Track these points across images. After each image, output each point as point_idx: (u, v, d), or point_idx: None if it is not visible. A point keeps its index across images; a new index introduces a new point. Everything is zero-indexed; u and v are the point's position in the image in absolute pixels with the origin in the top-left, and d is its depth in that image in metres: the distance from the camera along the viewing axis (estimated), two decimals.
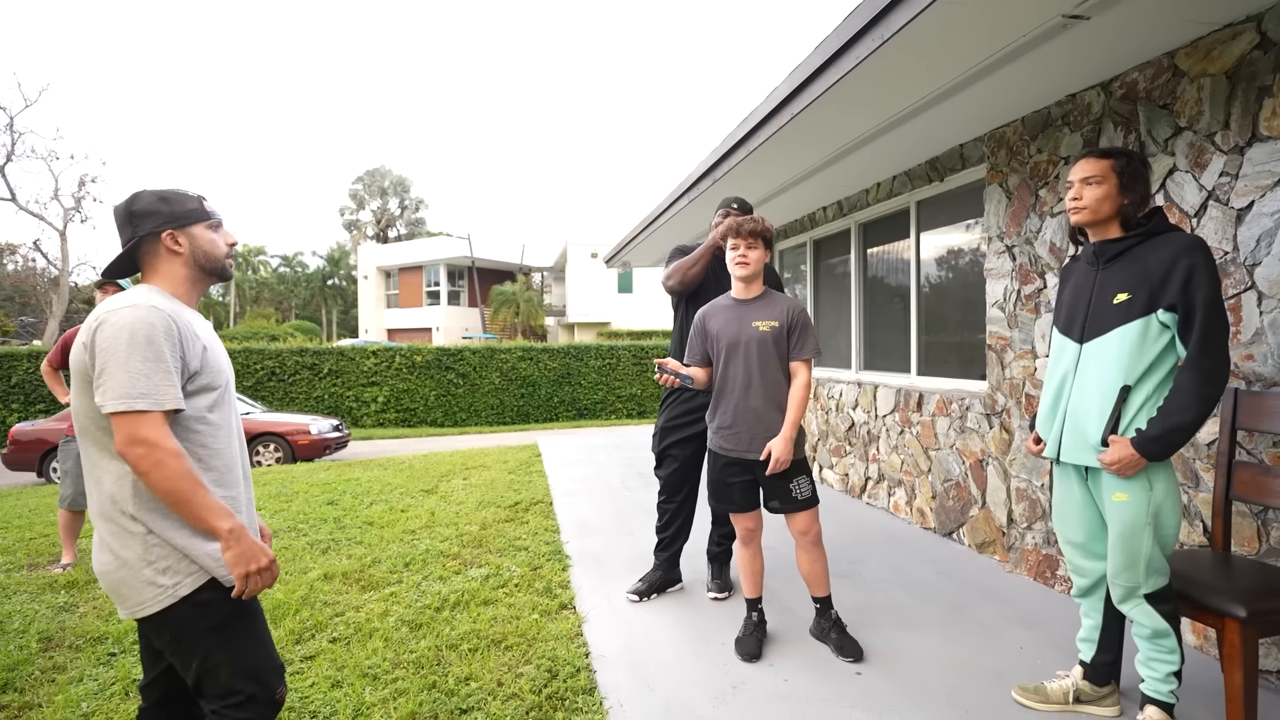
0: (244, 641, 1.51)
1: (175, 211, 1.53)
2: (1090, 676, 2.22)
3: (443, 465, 7.44)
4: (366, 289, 32.13)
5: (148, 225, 1.51)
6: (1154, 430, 1.85)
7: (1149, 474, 1.91)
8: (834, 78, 2.85)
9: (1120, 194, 1.98)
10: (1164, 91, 2.70)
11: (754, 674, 2.52)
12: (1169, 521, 1.93)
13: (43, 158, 22.40)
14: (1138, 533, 1.92)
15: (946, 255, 4.38)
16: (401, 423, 15.32)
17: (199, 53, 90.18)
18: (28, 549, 4.39)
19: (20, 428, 8.63)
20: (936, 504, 4.19)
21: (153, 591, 1.40)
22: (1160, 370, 1.91)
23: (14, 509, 5.89)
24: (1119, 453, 1.88)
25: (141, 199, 1.52)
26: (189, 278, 1.57)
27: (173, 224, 1.52)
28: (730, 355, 2.66)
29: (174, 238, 1.53)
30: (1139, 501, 1.92)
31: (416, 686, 2.45)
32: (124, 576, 1.41)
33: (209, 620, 1.45)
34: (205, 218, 1.58)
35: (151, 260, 1.54)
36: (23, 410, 13.01)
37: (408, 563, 3.82)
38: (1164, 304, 1.87)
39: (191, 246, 1.55)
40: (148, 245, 1.53)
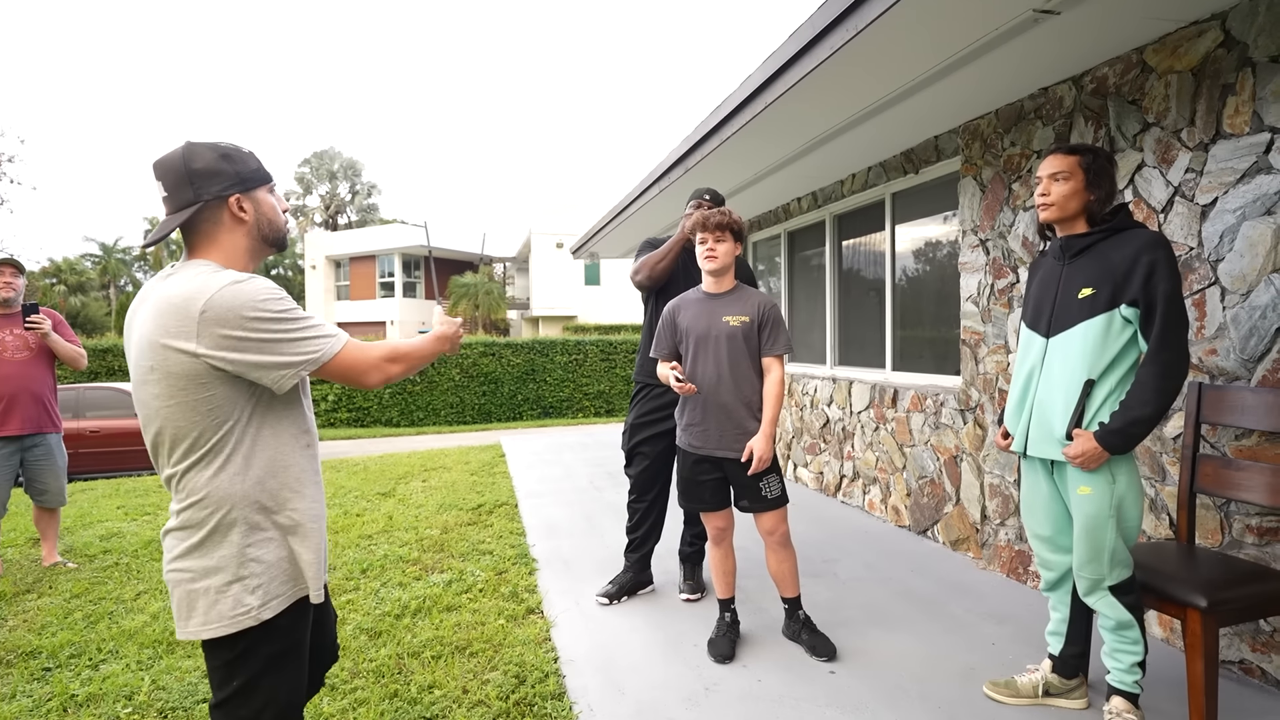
0: (290, 675, 1.39)
1: (240, 172, 1.33)
2: (1059, 669, 2.24)
3: (400, 467, 7.23)
4: (315, 279, 30.81)
5: (215, 187, 1.30)
6: (1115, 423, 1.89)
7: (1111, 467, 1.94)
8: (808, 68, 2.81)
9: (1086, 190, 2.01)
10: (1133, 87, 2.72)
11: (727, 675, 2.48)
12: (1131, 514, 1.96)
13: None
14: (1101, 525, 1.95)
15: (922, 248, 4.39)
16: (354, 423, 14.82)
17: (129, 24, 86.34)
18: (16, 554, 4.09)
19: None
20: (911, 501, 4.19)
21: (230, 609, 1.27)
22: (1123, 365, 1.95)
23: (15, 515, 5.48)
24: (1082, 446, 1.92)
25: (201, 156, 1.30)
26: (250, 250, 1.38)
27: (239, 187, 1.33)
28: (699, 350, 2.59)
29: (240, 203, 1.33)
30: (1102, 494, 1.95)
31: (377, 696, 2.35)
32: (205, 588, 1.27)
33: (273, 646, 1.34)
34: (268, 179, 1.39)
35: (210, 229, 1.32)
36: None
37: (365, 569, 3.67)
38: (1126, 299, 1.90)
39: (257, 213, 1.36)
40: (210, 212, 1.31)
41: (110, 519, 5.12)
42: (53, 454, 3.81)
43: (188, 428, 1.26)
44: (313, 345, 1.29)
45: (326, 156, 44.98)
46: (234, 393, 1.27)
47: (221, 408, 1.27)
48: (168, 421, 1.26)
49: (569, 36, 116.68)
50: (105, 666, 2.62)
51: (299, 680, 1.42)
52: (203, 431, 1.26)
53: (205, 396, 1.25)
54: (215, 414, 1.26)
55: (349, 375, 1.35)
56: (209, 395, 1.25)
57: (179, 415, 1.25)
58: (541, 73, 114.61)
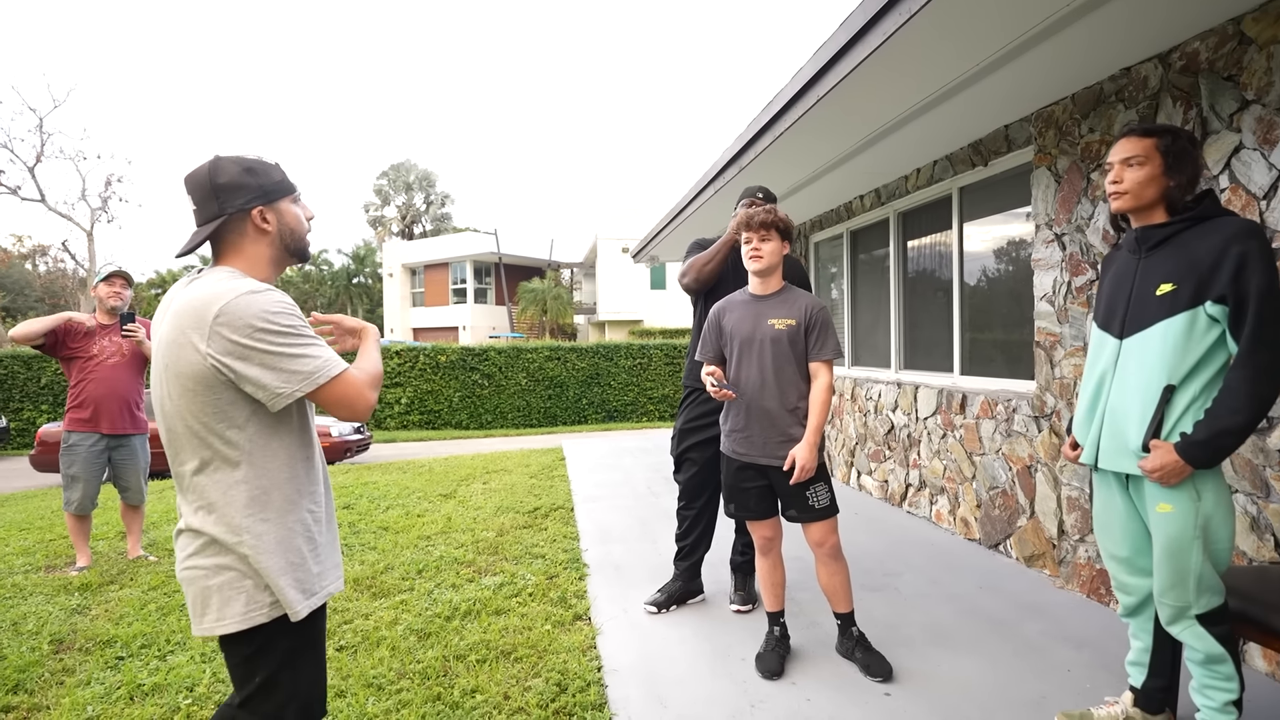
0: (309, 668, 1.43)
1: (264, 185, 1.38)
2: (1142, 704, 2.04)
3: (463, 469, 7.38)
4: (392, 287, 32.17)
5: (238, 200, 1.35)
6: (1200, 434, 1.68)
7: (1196, 482, 1.74)
8: (861, 55, 2.68)
9: (1165, 175, 1.81)
10: (1229, 62, 2.46)
11: (775, 692, 2.38)
12: (1221, 534, 1.75)
13: (70, 158, 22.82)
14: (1185, 547, 1.75)
15: (991, 245, 4.13)
16: (425, 425, 15.30)
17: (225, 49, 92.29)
18: (47, 550, 4.42)
19: (47, 429, 8.79)
20: (981, 513, 3.95)
21: (244, 606, 1.30)
22: (1208, 368, 1.74)
23: (38, 510, 5.98)
24: (1161, 459, 1.72)
25: (226, 170, 1.36)
26: (273, 259, 1.42)
27: (262, 199, 1.37)
28: (744, 354, 2.51)
29: (263, 215, 1.37)
30: (1185, 513, 1.74)
31: (420, 698, 2.37)
32: (219, 584, 1.30)
33: (290, 640, 1.37)
34: (291, 190, 1.44)
35: (235, 240, 1.38)
36: (52, 411, 13.24)
37: (420, 569, 3.74)
38: (1213, 295, 1.70)
39: (279, 224, 1.41)
40: (234, 223, 1.36)
41: None
42: (136, 454, 4.10)
43: (198, 429, 1.29)
44: (311, 364, 1.30)
45: (403, 169, 46.81)
46: (240, 397, 1.29)
47: (228, 412, 1.29)
48: (179, 422, 1.30)
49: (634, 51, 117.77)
50: (172, 658, 2.75)
51: (319, 675, 1.45)
52: (211, 434, 1.29)
53: (213, 399, 1.27)
54: (223, 417, 1.29)
55: (341, 404, 1.35)
56: (216, 399, 1.27)
57: (190, 416, 1.28)
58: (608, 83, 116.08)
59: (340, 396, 1.34)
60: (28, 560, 4.18)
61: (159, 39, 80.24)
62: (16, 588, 3.63)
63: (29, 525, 5.24)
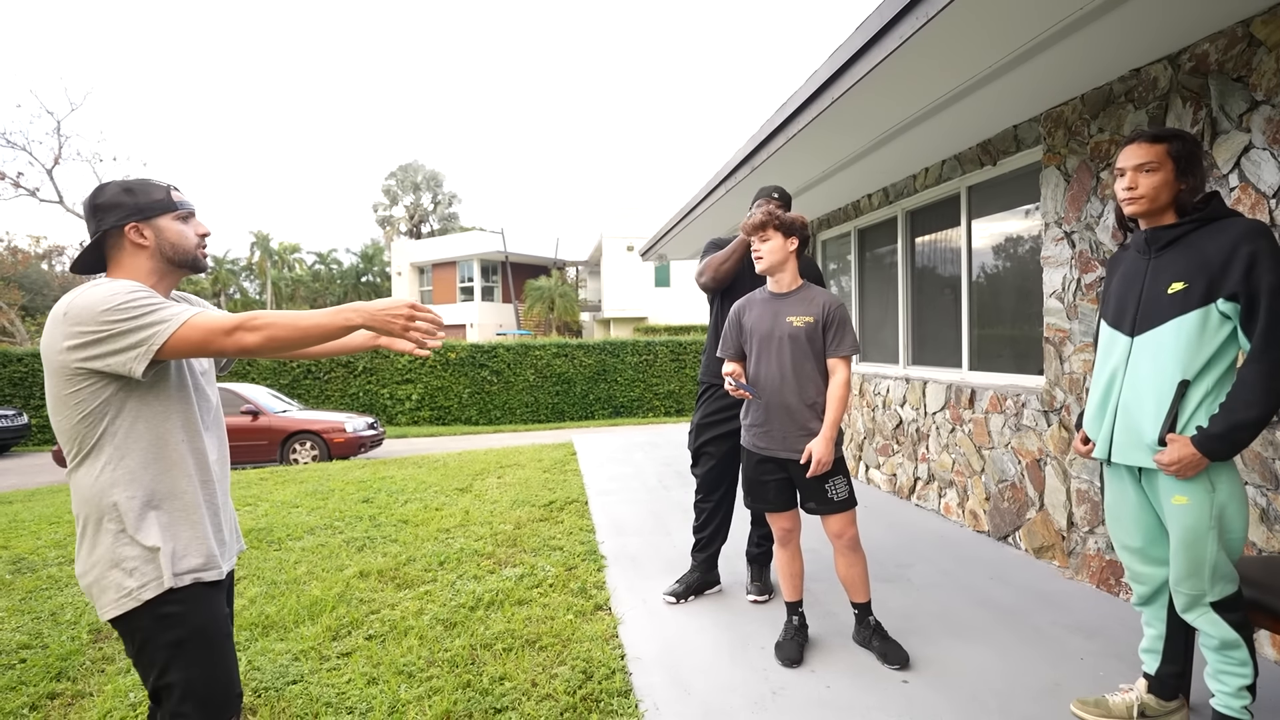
0: (200, 664, 1.42)
1: (140, 203, 1.47)
2: (1156, 690, 2.09)
3: (477, 464, 7.48)
4: (400, 285, 32.42)
5: (111, 218, 1.45)
6: (1217, 427, 1.73)
7: (1210, 474, 1.78)
8: (877, 59, 2.73)
9: (1177, 180, 1.86)
10: (1238, 63, 2.51)
11: (795, 680, 2.44)
12: (1235, 524, 1.80)
13: (88, 160, 23.04)
14: (1200, 537, 1.80)
15: (1000, 243, 4.19)
16: (435, 421, 15.48)
17: (234, 53, 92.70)
18: None
19: None
20: (990, 506, 4.01)
21: (115, 594, 1.36)
22: (1220, 364, 1.79)
23: (65, 504, 6.09)
24: (1178, 452, 1.76)
25: (105, 192, 1.47)
26: (155, 270, 1.49)
27: (137, 216, 1.46)
28: (763, 350, 2.57)
29: (138, 230, 1.46)
30: (1200, 504, 1.79)
31: (451, 685, 2.44)
32: (96, 577, 1.38)
33: (171, 634, 1.40)
34: (172, 208, 1.50)
35: (116, 254, 1.48)
36: None
37: (442, 561, 3.82)
38: (1224, 293, 1.75)
39: (158, 239, 1.48)
40: (113, 239, 1.47)
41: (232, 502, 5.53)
42: None
43: (65, 426, 1.38)
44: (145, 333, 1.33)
45: (411, 169, 47.07)
46: (101, 390, 1.36)
47: (88, 404, 1.36)
48: (53, 420, 1.40)
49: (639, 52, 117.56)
50: None
51: (216, 668, 1.45)
52: (77, 430, 1.37)
53: (72, 392, 1.36)
54: (83, 409, 1.36)
55: (196, 349, 1.37)
56: (75, 391, 1.35)
57: (58, 414, 1.38)
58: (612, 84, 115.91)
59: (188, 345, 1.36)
60: (60, 553, 4.28)
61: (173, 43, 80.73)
62: (52, 579, 3.73)
63: (58, 519, 5.35)
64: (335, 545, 4.27)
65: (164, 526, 1.41)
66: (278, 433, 9.74)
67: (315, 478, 7.11)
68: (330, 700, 2.36)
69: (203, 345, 1.36)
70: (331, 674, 2.56)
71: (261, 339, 1.38)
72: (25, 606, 3.35)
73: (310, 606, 3.19)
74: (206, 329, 1.35)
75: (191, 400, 1.50)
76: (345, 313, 1.43)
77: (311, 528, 4.75)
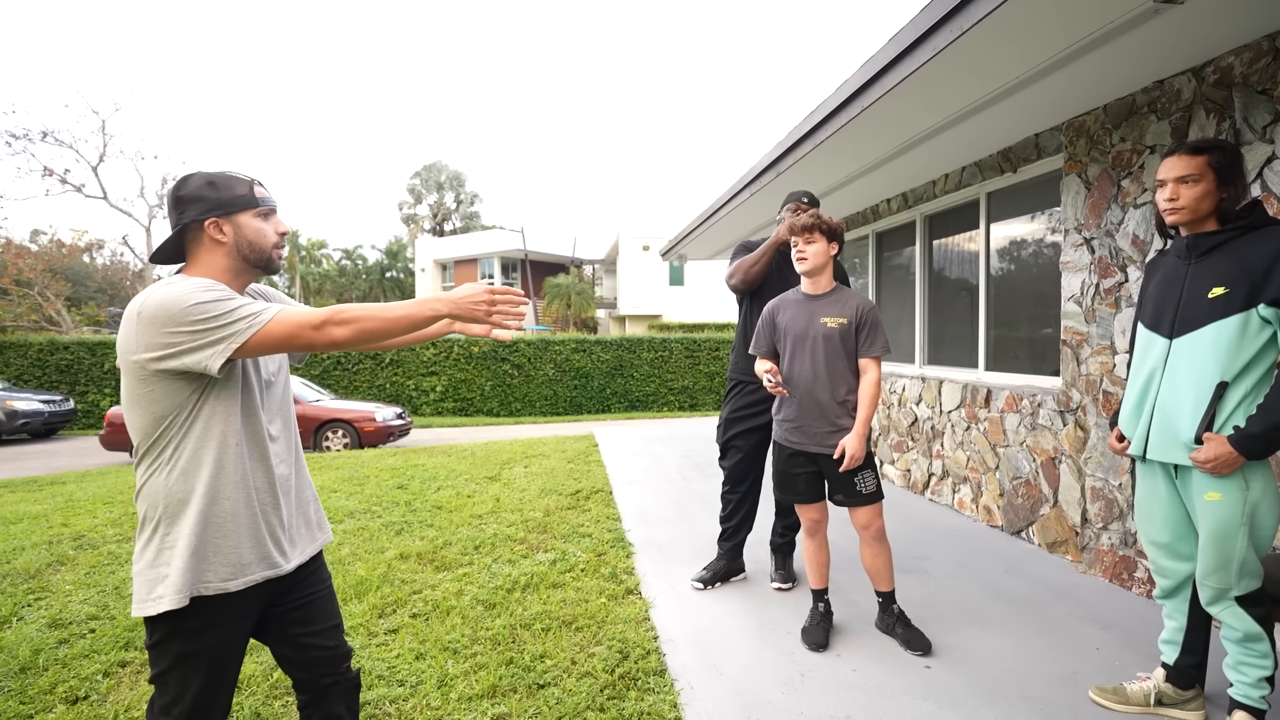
0: (198, 680, 1.41)
1: (222, 198, 1.43)
2: (1174, 679, 2.17)
3: (504, 453, 7.65)
4: (424, 281, 32.96)
5: (193, 212, 1.42)
6: (1255, 427, 1.79)
7: (1245, 472, 1.85)
8: (908, 70, 2.82)
9: (1218, 190, 1.91)
10: (1263, 76, 2.58)
11: (822, 663, 2.55)
12: (1267, 522, 1.87)
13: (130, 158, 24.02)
14: (1231, 533, 1.87)
15: (1018, 248, 4.27)
16: (458, 411, 15.79)
17: (267, 55, 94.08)
18: (132, 522, 4.73)
19: (115, 411, 9.25)
20: (1004, 501, 4.11)
21: (144, 594, 1.36)
22: (1260, 367, 1.85)
23: (116, 485, 6.36)
24: (1215, 450, 1.83)
25: (189, 184, 1.44)
26: (230, 268, 1.46)
27: (218, 211, 1.43)
28: (797, 349, 2.68)
29: (218, 226, 1.43)
30: (1233, 501, 1.86)
31: (495, 661, 2.56)
32: (137, 572, 1.39)
33: (180, 647, 1.39)
34: (254, 205, 1.47)
35: (194, 249, 1.45)
36: (115, 394, 13.99)
37: (477, 546, 3.98)
38: (1266, 298, 1.81)
39: (236, 236, 1.45)
40: (192, 233, 1.44)
41: None
42: None
43: (138, 424, 1.38)
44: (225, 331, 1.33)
45: (434, 169, 47.70)
46: (176, 392, 1.36)
47: (161, 403, 1.36)
48: (127, 417, 1.40)
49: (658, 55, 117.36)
50: None
51: (209, 691, 1.43)
52: (148, 428, 1.37)
53: (146, 392, 1.35)
54: (156, 409, 1.36)
55: (282, 344, 1.37)
56: (149, 391, 1.35)
57: (132, 412, 1.38)
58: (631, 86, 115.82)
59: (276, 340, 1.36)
60: (118, 531, 4.49)
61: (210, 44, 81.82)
62: (112, 555, 3.93)
63: (111, 499, 5.58)
64: (375, 529, 4.44)
65: (198, 535, 1.38)
66: (311, 421, 10.00)
67: (350, 464, 7.33)
68: (382, 674, 2.50)
69: (289, 340, 1.36)
70: (381, 649, 2.70)
71: (351, 332, 1.39)
72: (90, 580, 3.54)
73: (356, 586, 3.35)
74: (294, 324, 1.35)
75: (256, 394, 1.48)
76: (431, 303, 1.44)
77: (351, 511, 4.94)
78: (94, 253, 26.59)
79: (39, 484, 6.84)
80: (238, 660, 1.51)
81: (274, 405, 1.55)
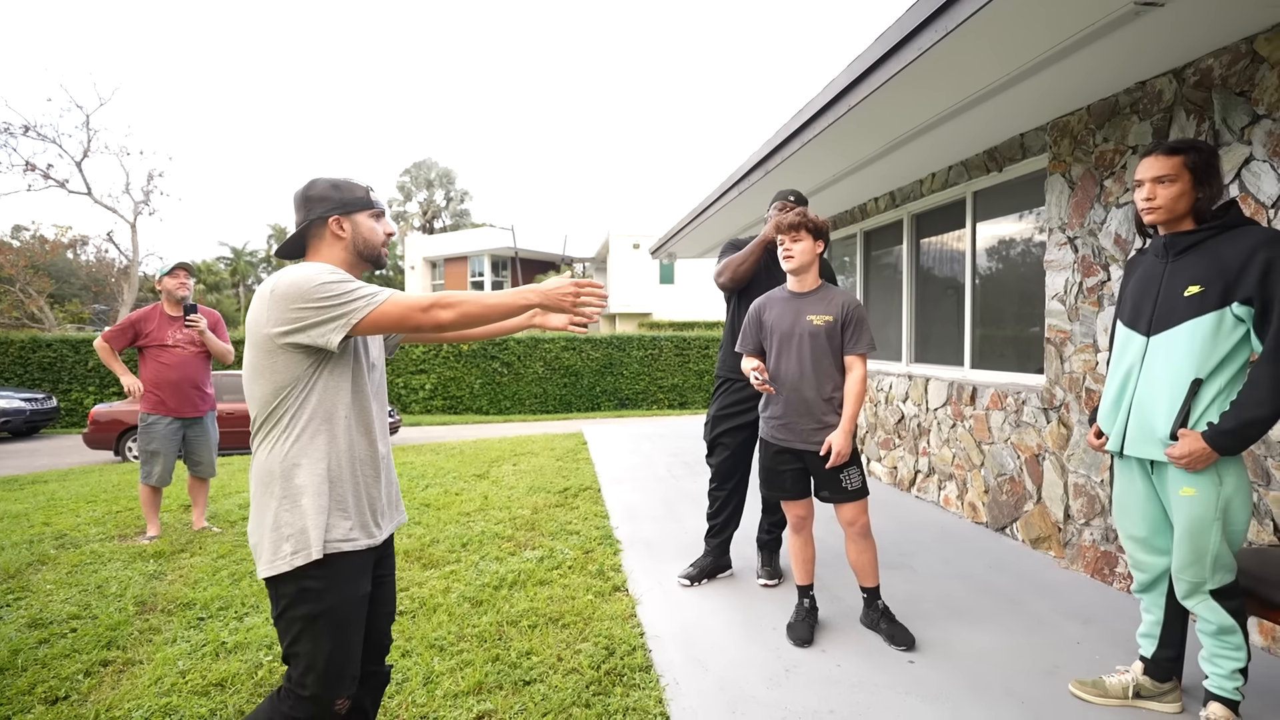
0: (329, 641, 1.51)
1: (344, 198, 1.62)
2: (1151, 672, 2.21)
3: (492, 451, 7.64)
4: (414, 279, 32.82)
5: (319, 210, 1.60)
6: (1228, 424, 1.83)
7: (1219, 468, 1.89)
8: (894, 69, 2.85)
9: (1194, 189, 1.95)
10: (1241, 78, 2.62)
11: (806, 658, 2.57)
12: (1239, 517, 1.91)
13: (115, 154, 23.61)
14: (1205, 528, 1.91)
15: (1003, 246, 4.31)
16: (448, 410, 15.73)
17: (255, 51, 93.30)
18: (116, 521, 4.69)
19: (99, 409, 9.12)
20: (989, 498, 4.15)
21: (271, 555, 1.48)
22: (1233, 364, 1.88)
23: (99, 484, 6.29)
24: (1189, 446, 1.86)
25: (317, 185, 1.62)
26: (347, 262, 1.64)
27: (340, 210, 1.61)
28: (783, 347, 2.70)
29: (339, 223, 1.61)
30: (1207, 496, 1.90)
31: (481, 658, 2.56)
32: (261, 537, 1.51)
33: (308, 608, 1.49)
34: (369, 206, 1.66)
35: (316, 243, 1.63)
36: (98, 393, 13.82)
37: (465, 543, 3.97)
38: (1240, 297, 1.84)
39: (354, 233, 1.63)
40: (316, 229, 1.62)
41: (246, 490, 5.71)
42: (208, 432, 4.40)
43: (259, 394, 1.51)
44: (348, 308, 1.46)
45: (424, 166, 47.55)
46: (297, 364, 1.49)
47: (284, 375, 1.49)
48: (248, 388, 1.53)
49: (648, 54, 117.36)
50: (249, 619, 2.98)
51: (339, 648, 1.52)
52: (269, 399, 1.50)
53: (271, 364, 1.48)
54: (278, 380, 1.49)
55: (394, 324, 1.50)
56: (274, 363, 1.48)
57: (255, 382, 1.51)
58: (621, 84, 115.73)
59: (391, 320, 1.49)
60: (100, 530, 4.45)
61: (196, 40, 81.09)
62: (95, 554, 3.89)
63: (95, 498, 5.52)
64: None
65: (321, 495, 1.50)
66: None
67: None
68: None
69: (400, 320, 1.49)
70: None
71: (455, 314, 1.52)
72: (72, 580, 3.51)
73: None
74: (406, 305, 1.49)
75: (366, 375, 1.63)
76: (525, 293, 1.58)
77: None
78: (78, 249, 26.27)
79: (20, 483, 6.75)
80: (361, 624, 1.59)
81: (375, 387, 1.68)
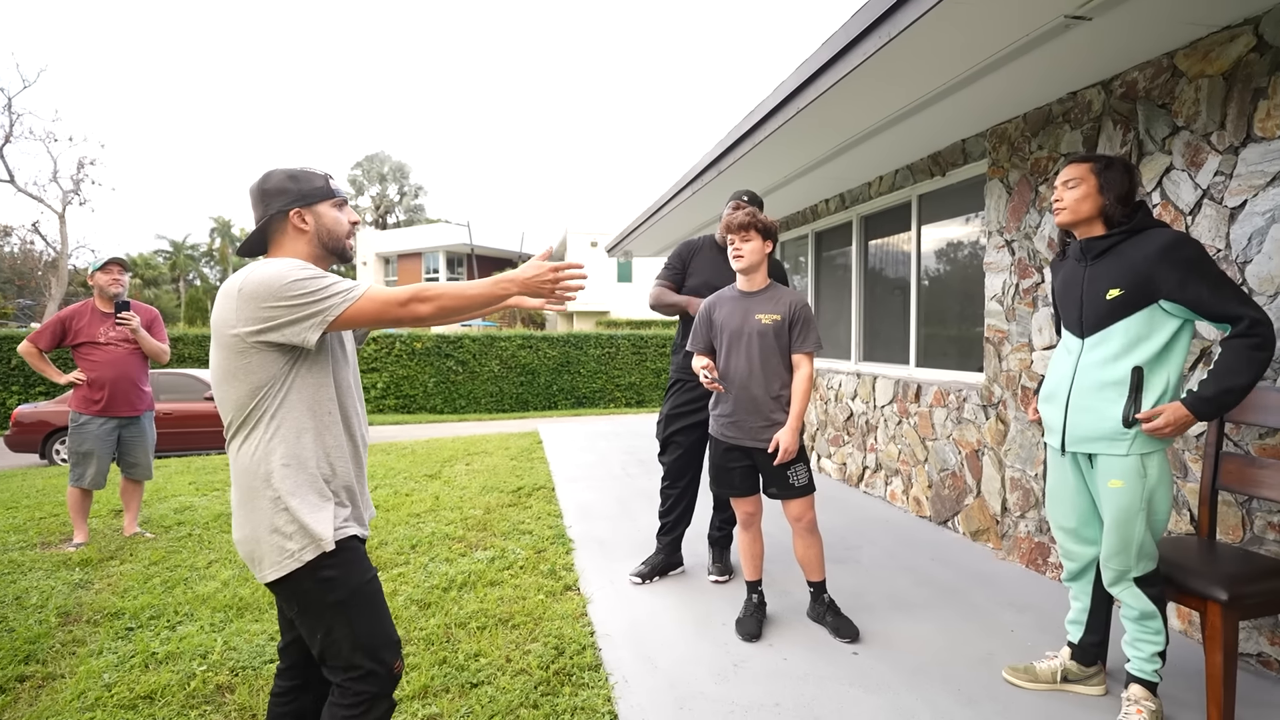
0: (364, 618, 1.51)
1: (303, 189, 1.55)
2: (1078, 657, 2.31)
3: (445, 451, 7.51)
4: (365, 275, 32.06)
5: (278, 203, 1.53)
6: (1207, 390, 1.89)
7: (1144, 461, 1.99)
8: (840, 73, 2.91)
9: (1098, 194, 2.07)
10: (1163, 91, 2.75)
11: (754, 653, 2.60)
12: (1161, 508, 2.01)
13: (41, 139, 22.07)
14: (1131, 518, 2.00)
15: (947, 248, 4.45)
16: (401, 409, 15.35)
17: (198, 37, 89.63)
18: (39, 528, 4.45)
19: (23, 410, 8.65)
20: (932, 493, 4.28)
21: (277, 556, 1.44)
22: (1177, 348, 1.97)
23: (21, 489, 5.94)
24: (1171, 415, 1.91)
25: (273, 178, 1.54)
26: (313, 255, 1.57)
27: (300, 202, 1.54)
28: (732, 346, 2.72)
29: (301, 216, 1.54)
30: (1134, 488, 1.99)
31: (428, 661, 2.52)
32: (257, 543, 1.45)
33: (333, 595, 1.48)
34: (330, 195, 1.59)
35: (279, 238, 1.56)
36: (23, 393, 13.01)
37: (414, 545, 3.90)
38: (1162, 296, 1.94)
39: (317, 224, 1.56)
40: (277, 223, 1.54)
41: (183, 494, 5.49)
42: (145, 432, 4.21)
43: (233, 397, 1.45)
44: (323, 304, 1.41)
45: (377, 160, 46.41)
46: (271, 363, 1.43)
47: (259, 375, 1.43)
48: (219, 391, 1.47)
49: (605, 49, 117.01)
50: (182, 628, 2.86)
51: (376, 621, 1.53)
52: (245, 401, 1.44)
53: (244, 365, 1.42)
54: (253, 380, 1.43)
55: (371, 319, 1.45)
56: (247, 364, 1.43)
57: (227, 385, 1.45)
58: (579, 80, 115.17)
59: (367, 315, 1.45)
60: (21, 537, 4.20)
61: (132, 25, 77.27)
62: (14, 564, 3.67)
63: (15, 504, 5.21)
64: None
65: (315, 490, 1.47)
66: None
67: None
68: None
69: (378, 316, 1.45)
70: None
71: (434, 308, 1.48)
72: None
73: None
74: (383, 300, 1.45)
75: (344, 368, 1.59)
76: (503, 283, 1.54)
77: None
78: (1, 240, 24.83)
79: None
80: (383, 597, 1.58)
81: (350, 382, 1.64)
